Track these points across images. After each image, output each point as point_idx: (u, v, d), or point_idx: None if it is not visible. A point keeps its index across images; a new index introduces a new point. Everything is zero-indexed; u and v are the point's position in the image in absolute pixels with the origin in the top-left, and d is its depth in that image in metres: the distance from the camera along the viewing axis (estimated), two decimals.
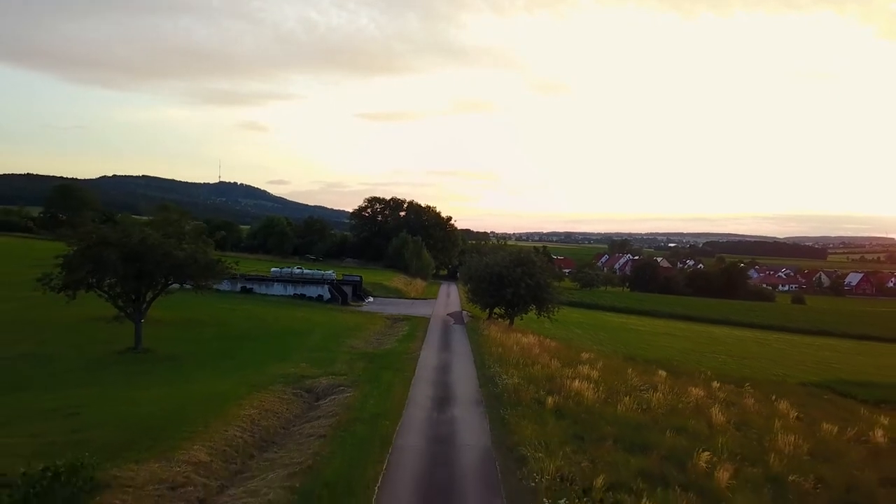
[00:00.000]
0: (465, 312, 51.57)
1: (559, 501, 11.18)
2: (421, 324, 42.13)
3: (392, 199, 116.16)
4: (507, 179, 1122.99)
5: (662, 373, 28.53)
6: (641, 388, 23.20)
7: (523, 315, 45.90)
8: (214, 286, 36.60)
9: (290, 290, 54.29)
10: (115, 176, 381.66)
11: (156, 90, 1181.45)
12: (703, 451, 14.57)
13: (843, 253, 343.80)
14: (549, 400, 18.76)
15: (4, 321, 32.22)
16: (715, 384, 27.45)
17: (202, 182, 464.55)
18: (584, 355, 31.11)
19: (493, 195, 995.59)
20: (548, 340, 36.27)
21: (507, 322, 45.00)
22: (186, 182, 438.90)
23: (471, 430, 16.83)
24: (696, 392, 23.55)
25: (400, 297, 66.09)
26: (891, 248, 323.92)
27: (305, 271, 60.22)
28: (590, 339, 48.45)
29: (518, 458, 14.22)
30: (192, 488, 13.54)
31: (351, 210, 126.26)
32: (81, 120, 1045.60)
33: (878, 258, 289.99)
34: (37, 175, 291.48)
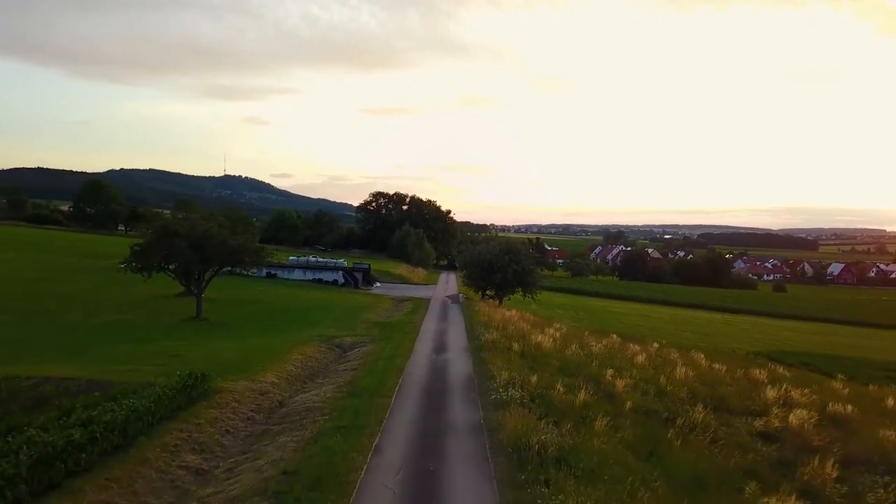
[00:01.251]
0: (461, 295, 58.75)
1: (509, 390, 18.40)
2: (423, 303, 49.36)
3: (395, 193, 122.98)
4: (506, 173, 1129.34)
5: (616, 337, 35.58)
6: (591, 344, 30.37)
7: (510, 296, 53.22)
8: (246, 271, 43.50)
9: (309, 276, 61.59)
10: (122, 169, 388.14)
11: (160, 85, 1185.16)
12: (609, 368, 21.82)
13: (835, 244, 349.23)
14: (516, 346, 26.02)
15: (83, 299, 39.38)
16: (654, 345, 34.51)
17: (207, 175, 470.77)
18: (556, 325, 38.30)
19: (492, 189, 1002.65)
20: (528, 315, 43.43)
21: (497, 302, 52.27)
22: (192, 175, 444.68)
23: (459, 364, 24.13)
24: (634, 347, 30.76)
25: (404, 283, 73.36)
26: (881, 240, 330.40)
27: (320, 259, 67.52)
28: (569, 317, 55.47)
29: (489, 376, 21.46)
30: (272, 395, 21.02)
31: (354, 203, 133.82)
32: (88, 114, 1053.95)
33: (868, 249, 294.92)
34: (46, 169, 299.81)
